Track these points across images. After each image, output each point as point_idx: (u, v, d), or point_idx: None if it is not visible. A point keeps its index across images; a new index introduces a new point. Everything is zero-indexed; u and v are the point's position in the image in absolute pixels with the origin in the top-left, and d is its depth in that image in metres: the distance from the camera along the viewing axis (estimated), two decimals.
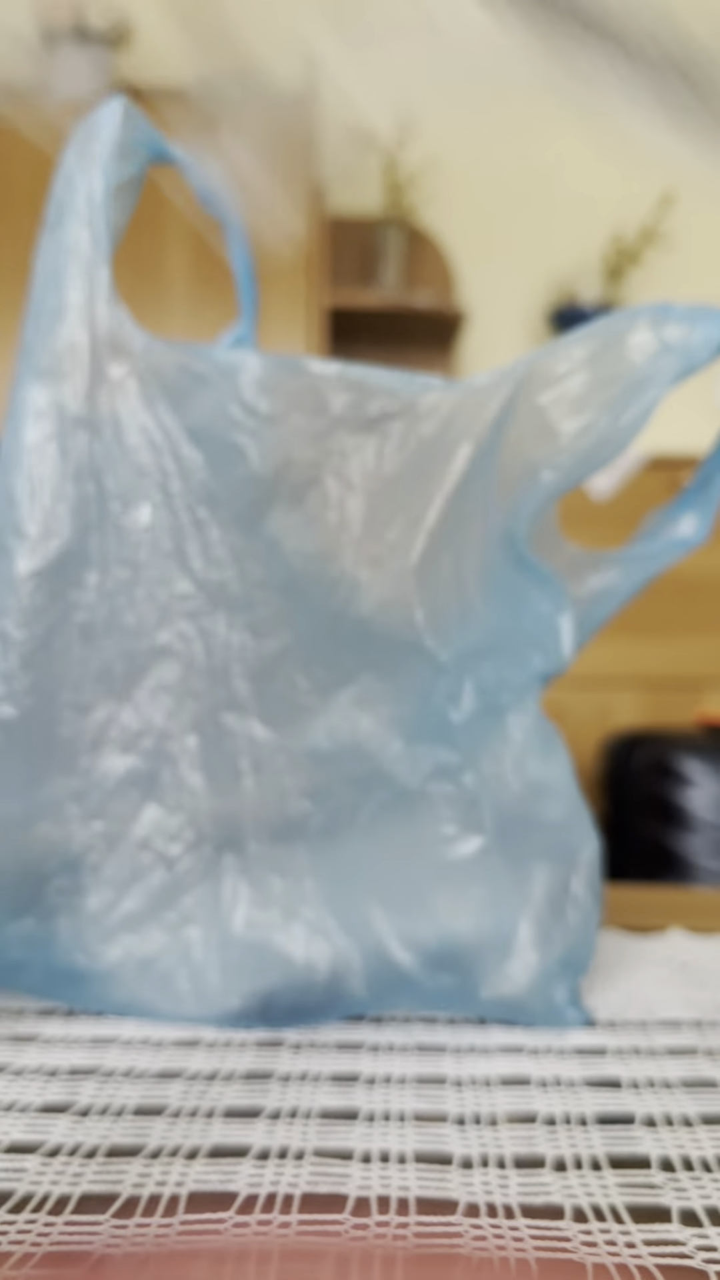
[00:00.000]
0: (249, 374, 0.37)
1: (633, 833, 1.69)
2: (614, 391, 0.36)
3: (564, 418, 0.37)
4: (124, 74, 2.25)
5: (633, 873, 1.67)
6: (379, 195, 2.32)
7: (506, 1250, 0.25)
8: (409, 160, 2.32)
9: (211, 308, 1.99)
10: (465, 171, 2.46)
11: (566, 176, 2.49)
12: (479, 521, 0.37)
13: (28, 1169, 0.29)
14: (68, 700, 0.38)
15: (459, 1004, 0.39)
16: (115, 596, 0.38)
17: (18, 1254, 0.25)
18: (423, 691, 0.37)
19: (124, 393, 0.38)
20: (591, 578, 0.42)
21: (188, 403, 0.38)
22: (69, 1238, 0.25)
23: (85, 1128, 0.31)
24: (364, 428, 0.37)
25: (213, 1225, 0.26)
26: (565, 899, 0.38)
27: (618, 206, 2.45)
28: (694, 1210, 0.26)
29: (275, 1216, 0.26)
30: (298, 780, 0.38)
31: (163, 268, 1.96)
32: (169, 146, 0.44)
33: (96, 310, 0.38)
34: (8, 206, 1.93)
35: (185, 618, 0.38)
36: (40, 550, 0.38)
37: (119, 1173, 0.28)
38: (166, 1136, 0.31)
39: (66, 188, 0.39)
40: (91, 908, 0.38)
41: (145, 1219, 0.26)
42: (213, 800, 0.38)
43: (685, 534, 0.42)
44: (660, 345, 0.36)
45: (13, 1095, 0.33)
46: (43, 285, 0.39)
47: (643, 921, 0.52)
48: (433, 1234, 0.26)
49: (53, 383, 0.38)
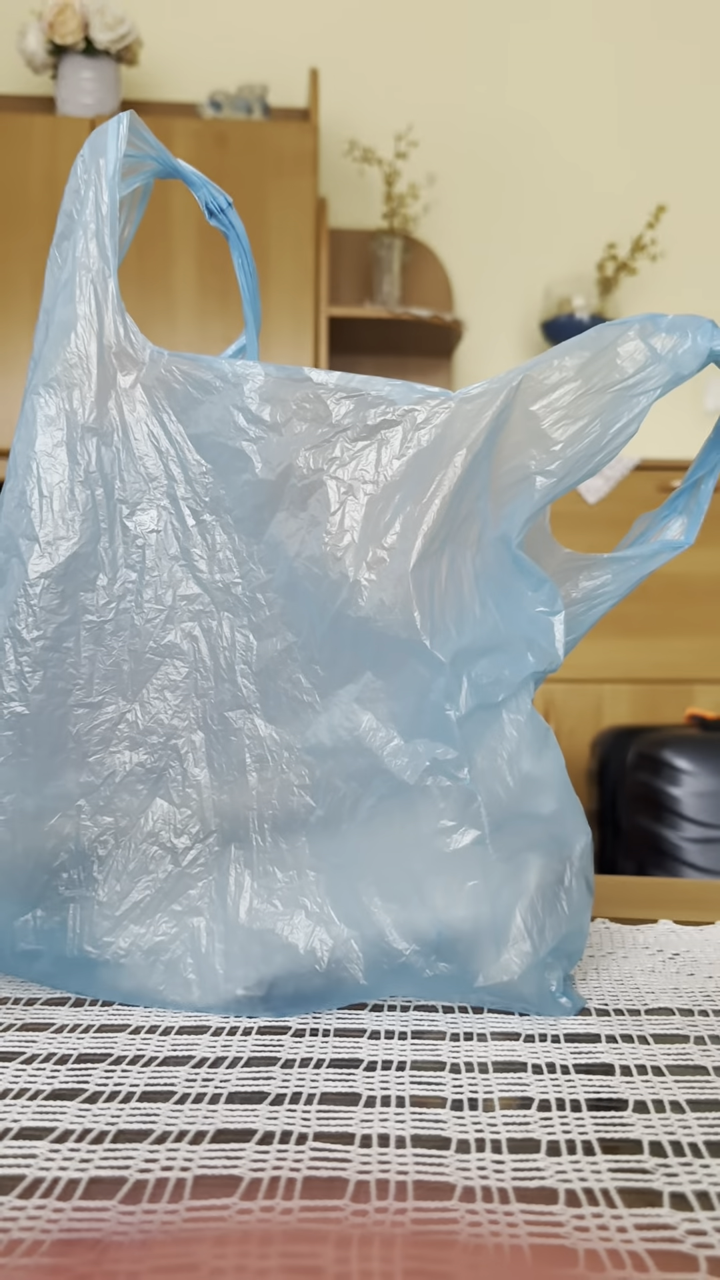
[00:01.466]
0: (253, 383, 0.38)
1: (624, 826, 1.69)
2: (605, 399, 0.37)
3: (557, 425, 0.38)
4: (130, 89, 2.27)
5: (624, 865, 1.67)
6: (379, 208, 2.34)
7: (501, 1235, 0.25)
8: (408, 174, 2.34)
9: (216, 319, 2.00)
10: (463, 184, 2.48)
11: (561, 189, 2.51)
12: (475, 525, 0.38)
13: (38, 1154, 0.29)
14: (78, 698, 0.39)
15: (456, 992, 0.40)
16: (123, 598, 0.39)
17: (28, 1239, 0.25)
18: (421, 690, 0.38)
19: (132, 401, 0.39)
20: (584, 579, 0.43)
21: (194, 411, 0.39)
22: (77, 1223, 0.26)
23: (94, 1113, 0.32)
24: (364, 435, 0.38)
25: (217, 1210, 0.26)
26: (559, 890, 0.39)
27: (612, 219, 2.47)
28: (684, 1194, 0.27)
29: (278, 1201, 0.27)
30: (300, 775, 0.39)
31: (169, 280, 1.98)
32: (175, 160, 0.45)
33: (105, 321, 0.39)
34: (19, 220, 1.95)
35: (191, 618, 0.39)
36: (51, 553, 0.39)
37: (126, 1158, 0.29)
38: (172, 1121, 0.31)
39: (75, 201, 0.40)
40: (101, 899, 0.39)
41: (152, 1204, 0.27)
42: (218, 795, 0.39)
43: (675, 537, 0.43)
44: (650, 354, 0.37)
45: (23, 1082, 0.34)
46: (53, 297, 0.41)
47: (634, 913, 0.53)
48: (430, 1219, 0.26)
49: (63, 391, 0.39)
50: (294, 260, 2.03)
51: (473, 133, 2.46)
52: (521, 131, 2.47)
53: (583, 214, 2.47)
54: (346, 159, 2.35)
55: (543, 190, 2.48)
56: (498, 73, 2.46)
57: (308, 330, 2.05)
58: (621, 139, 2.48)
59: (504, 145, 2.47)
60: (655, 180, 2.47)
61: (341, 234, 2.35)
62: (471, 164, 2.46)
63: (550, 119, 2.47)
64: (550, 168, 2.48)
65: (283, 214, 2.03)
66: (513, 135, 2.47)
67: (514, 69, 2.46)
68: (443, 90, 2.45)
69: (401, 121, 2.38)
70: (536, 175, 2.47)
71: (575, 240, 2.47)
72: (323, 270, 2.10)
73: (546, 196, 2.48)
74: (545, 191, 2.48)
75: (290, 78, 2.35)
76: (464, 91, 2.46)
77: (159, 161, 0.44)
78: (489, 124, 2.46)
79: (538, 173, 2.47)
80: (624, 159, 2.48)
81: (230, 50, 2.36)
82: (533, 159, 2.47)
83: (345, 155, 2.35)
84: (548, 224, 2.48)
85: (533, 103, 2.47)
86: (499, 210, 2.46)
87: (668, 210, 2.38)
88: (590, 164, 2.48)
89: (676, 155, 2.49)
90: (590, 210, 2.47)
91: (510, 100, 2.46)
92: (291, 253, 2.03)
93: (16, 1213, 0.26)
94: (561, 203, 2.48)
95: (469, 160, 2.46)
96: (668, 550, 0.42)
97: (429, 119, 2.42)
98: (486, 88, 2.46)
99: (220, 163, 2.01)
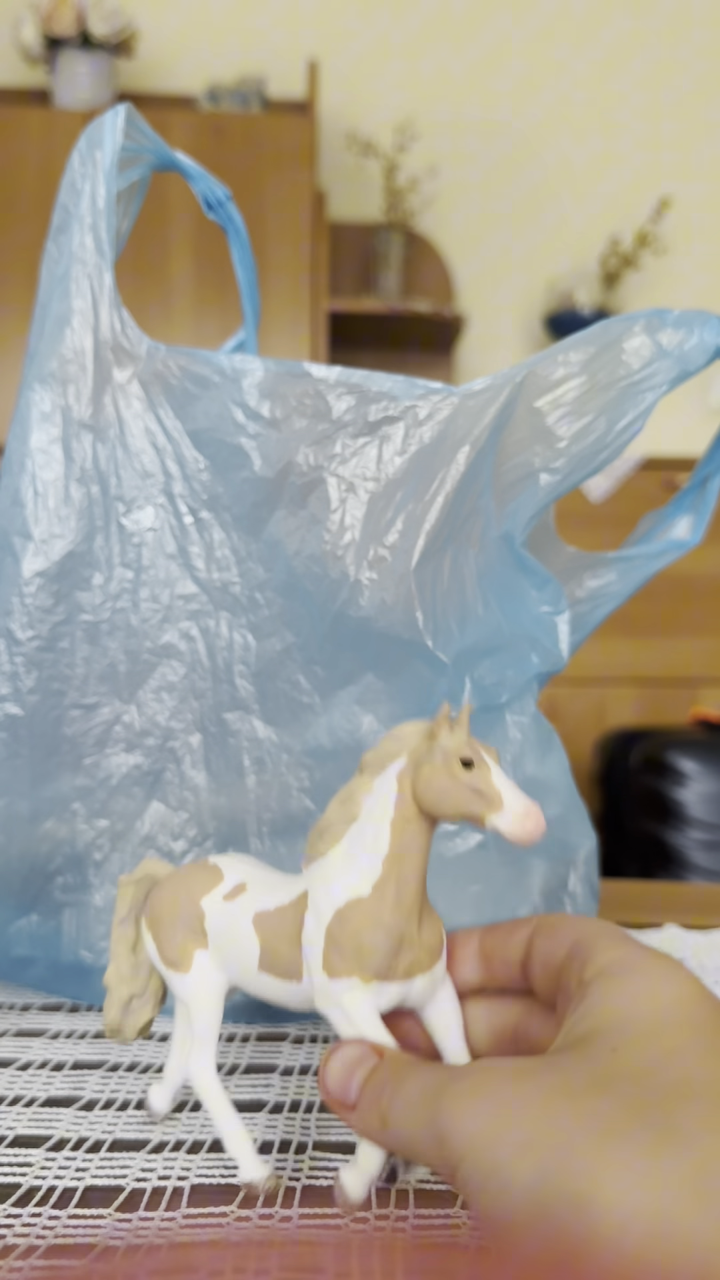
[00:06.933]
0: (252, 378, 0.38)
1: (629, 829, 1.69)
2: (610, 395, 0.37)
3: (561, 421, 0.37)
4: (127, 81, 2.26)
5: (629, 869, 1.67)
6: (379, 201, 2.33)
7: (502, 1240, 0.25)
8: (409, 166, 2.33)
9: (214, 313, 1.99)
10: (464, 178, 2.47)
11: (564, 182, 2.50)
12: (478, 523, 0.38)
13: (33, 1162, 0.29)
14: (73, 700, 0.38)
15: None
16: (119, 597, 0.38)
17: (23, 1246, 0.25)
18: (423, 691, 0.38)
19: (128, 397, 0.38)
20: (588, 579, 0.42)
21: (191, 407, 0.38)
22: (73, 1231, 0.26)
23: (89, 1121, 0.31)
24: (365, 431, 0.38)
25: (215, 1219, 0.26)
26: (563, 894, 0.39)
27: (615, 212, 2.46)
28: None
29: (277, 1210, 0.27)
30: (299, 778, 0.38)
31: (166, 274, 1.97)
32: (172, 153, 0.44)
33: (101, 315, 0.39)
34: (13, 213, 1.94)
35: (189, 618, 0.39)
36: (46, 552, 0.38)
37: (123, 1166, 0.29)
38: (170, 1130, 0.31)
39: (71, 194, 0.40)
40: (96, 903, 0.39)
41: (149, 1212, 0.26)
42: (216, 798, 0.39)
43: (681, 535, 0.42)
44: (656, 350, 0.37)
45: (18, 1089, 0.33)
46: (48, 291, 0.40)
47: (639, 917, 0.52)
48: (432, 1225, 0.26)
49: (58, 387, 0.38)
50: (293, 254, 2.02)
51: (474, 125, 2.45)
52: (523, 124, 2.46)
53: (585, 207, 2.46)
54: (346, 152, 2.34)
55: (545, 183, 2.47)
56: (499, 64, 2.44)
57: (306, 324, 2.04)
58: (624, 132, 2.47)
59: (505, 138, 2.46)
60: (659, 174, 2.46)
61: (341, 227, 2.34)
62: (472, 157, 2.45)
63: (552, 111, 2.46)
64: (552, 161, 2.47)
65: (281, 207, 2.02)
66: (514, 128, 2.46)
67: (516, 60, 2.45)
68: (443, 82, 2.44)
69: (401, 114, 2.37)
70: (538, 168, 2.46)
71: (578, 234, 2.46)
72: (322, 264, 2.09)
73: (549, 190, 2.47)
74: (547, 185, 2.47)
75: (289, 69, 2.33)
76: (465, 83, 2.45)
77: (156, 154, 0.43)
78: (490, 116, 2.45)
79: (540, 166, 2.46)
80: (627, 152, 2.47)
81: (228, 42, 2.35)
82: (534, 152, 2.46)
83: (345, 148, 2.34)
84: (550, 217, 2.47)
85: (535, 95, 2.46)
86: (500, 203, 2.45)
87: (671, 204, 2.38)
88: (593, 157, 2.47)
89: (680, 148, 2.48)
90: (593, 203, 2.46)
91: (512, 92, 2.45)
92: (290, 246, 2.02)
93: (12, 1220, 0.26)
94: (564, 196, 2.47)
95: (470, 153, 2.45)
96: (674, 549, 0.41)
97: (429, 111, 2.41)
98: (488, 80, 2.45)
99: (218, 155, 2.00)
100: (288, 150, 2.05)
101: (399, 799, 0.26)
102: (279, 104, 2.26)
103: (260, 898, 0.28)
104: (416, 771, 0.26)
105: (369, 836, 0.26)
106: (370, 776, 0.26)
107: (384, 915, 0.25)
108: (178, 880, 0.30)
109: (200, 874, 0.29)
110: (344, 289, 2.36)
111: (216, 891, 0.29)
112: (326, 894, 0.26)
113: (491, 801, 0.24)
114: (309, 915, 0.26)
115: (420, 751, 0.26)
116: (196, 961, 0.29)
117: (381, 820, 0.26)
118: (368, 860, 0.26)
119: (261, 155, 2.04)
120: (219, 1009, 0.29)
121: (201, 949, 0.29)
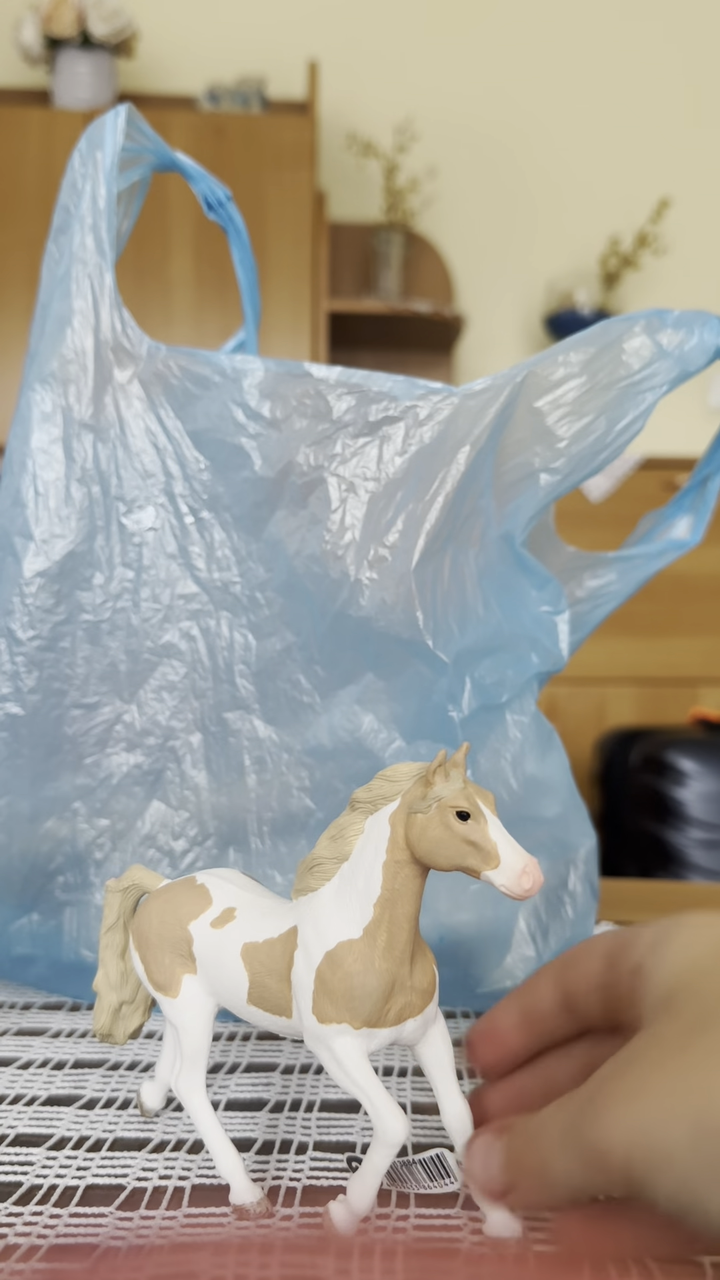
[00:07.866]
0: (252, 378, 0.38)
1: (628, 828, 1.69)
2: (611, 396, 0.37)
3: (561, 421, 0.37)
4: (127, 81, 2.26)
5: (628, 868, 1.67)
6: (379, 201, 2.33)
7: (504, 1243, 0.25)
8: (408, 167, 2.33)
9: (214, 313, 1.99)
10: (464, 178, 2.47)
11: (564, 183, 2.50)
12: (478, 523, 0.38)
13: (34, 1161, 0.29)
14: (74, 699, 0.38)
15: (459, 997, 0.39)
16: (120, 597, 0.39)
17: (24, 1245, 0.25)
18: (423, 690, 0.38)
19: (129, 397, 0.39)
20: (588, 578, 0.42)
21: (192, 407, 0.38)
22: (75, 1230, 0.26)
23: (90, 1120, 0.31)
24: (365, 431, 0.38)
25: (216, 1218, 0.26)
26: (563, 894, 0.39)
27: (614, 212, 2.46)
28: None
29: (278, 1209, 0.27)
30: (300, 777, 0.38)
31: (167, 274, 1.97)
32: (173, 153, 0.44)
33: (102, 315, 0.39)
34: (14, 214, 1.94)
35: (189, 618, 0.39)
36: (47, 551, 0.38)
37: (124, 1165, 0.29)
38: (171, 1129, 0.31)
39: (72, 194, 0.40)
40: (97, 903, 0.39)
41: (149, 1211, 0.27)
42: (216, 797, 0.39)
43: (681, 535, 0.42)
44: (656, 350, 0.37)
45: (19, 1088, 0.33)
46: (49, 291, 0.40)
47: (639, 916, 0.52)
48: (432, 1227, 0.26)
49: (59, 387, 0.39)
50: (293, 254, 2.02)
51: (474, 125, 2.45)
52: (523, 124, 2.46)
53: (585, 207, 2.46)
54: (346, 152, 2.34)
55: (545, 183, 2.47)
56: (499, 65, 2.44)
57: (306, 324, 2.04)
58: (624, 132, 2.47)
59: (505, 138, 2.46)
60: (659, 174, 2.46)
61: (341, 228, 2.34)
62: (473, 157, 2.45)
63: (552, 111, 2.46)
64: (552, 161, 2.47)
65: (281, 207, 2.02)
66: (514, 128, 2.46)
67: (516, 61, 2.45)
68: (443, 82, 2.44)
69: (401, 114, 2.37)
70: (538, 168, 2.46)
71: (578, 234, 2.46)
72: (322, 264, 2.09)
73: (549, 190, 2.47)
74: (547, 185, 2.47)
75: (289, 70, 2.33)
76: (465, 84, 2.45)
77: (156, 154, 0.43)
78: (490, 116, 2.45)
79: (540, 166, 2.46)
80: (627, 152, 2.47)
81: (228, 42, 2.35)
82: (534, 152, 2.46)
83: (345, 148, 2.34)
84: (550, 217, 2.47)
85: (535, 95, 2.46)
86: (500, 204, 2.45)
87: (671, 204, 2.38)
88: (593, 157, 2.47)
89: (680, 149, 2.48)
90: (593, 204, 2.46)
91: (512, 92, 2.45)
92: (290, 246, 2.02)
93: (13, 1219, 0.26)
94: (564, 196, 2.47)
95: (470, 153, 2.45)
96: (674, 549, 0.41)
97: (429, 112, 2.41)
98: (488, 80, 2.45)
99: (218, 156, 2.00)
100: (288, 150, 2.05)
101: (391, 841, 0.25)
102: (279, 104, 2.26)
103: (248, 928, 0.27)
104: (410, 818, 0.25)
105: (361, 878, 0.26)
106: (362, 816, 0.26)
107: (375, 960, 0.25)
108: (165, 901, 0.29)
109: (188, 896, 0.29)
110: (344, 289, 2.36)
111: (204, 917, 0.28)
112: (317, 935, 0.26)
113: (488, 857, 0.24)
114: (299, 954, 0.26)
115: (414, 796, 0.25)
116: (185, 987, 0.28)
117: (374, 862, 0.25)
118: (359, 903, 0.25)
119: (262, 155, 2.04)
120: (208, 1031, 0.28)
121: (190, 974, 0.28)
